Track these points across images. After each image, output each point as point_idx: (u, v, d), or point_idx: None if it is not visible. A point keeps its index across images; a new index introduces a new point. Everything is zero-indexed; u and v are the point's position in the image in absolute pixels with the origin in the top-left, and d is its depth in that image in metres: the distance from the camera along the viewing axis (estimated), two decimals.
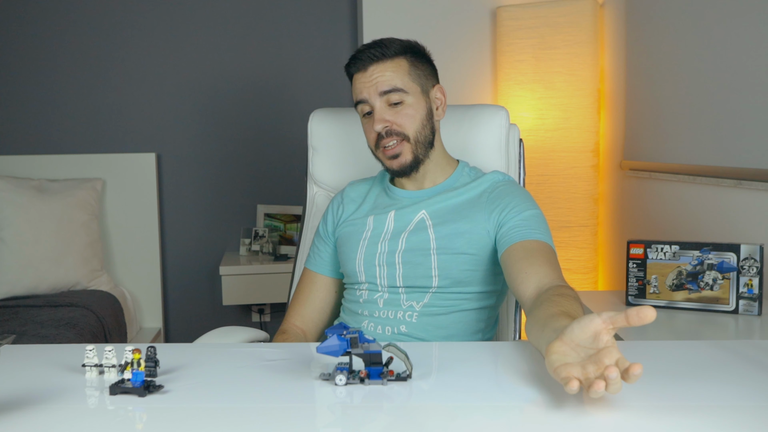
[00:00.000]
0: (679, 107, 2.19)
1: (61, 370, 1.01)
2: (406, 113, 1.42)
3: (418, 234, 1.43)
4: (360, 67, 1.43)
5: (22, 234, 2.84)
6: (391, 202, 1.51)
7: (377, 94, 1.41)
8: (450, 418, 0.85)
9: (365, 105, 1.44)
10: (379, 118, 1.42)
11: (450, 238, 1.40)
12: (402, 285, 1.42)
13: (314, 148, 1.78)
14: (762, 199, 1.77)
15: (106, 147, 3.26)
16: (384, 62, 1.42)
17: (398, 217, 1.47)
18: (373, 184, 1.59)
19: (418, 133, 1.43)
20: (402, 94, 1.42)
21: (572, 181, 2.75)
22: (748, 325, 1.51)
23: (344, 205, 1.58)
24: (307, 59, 3.33)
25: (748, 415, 0.83)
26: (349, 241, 1.49)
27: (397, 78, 1.42)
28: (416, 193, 1.50)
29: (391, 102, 1.42)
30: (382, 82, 1.41)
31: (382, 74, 1.41)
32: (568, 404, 0.87)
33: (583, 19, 2.72)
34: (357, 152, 1.75)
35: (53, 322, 2.45)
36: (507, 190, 1.45)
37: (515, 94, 2.82)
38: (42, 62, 3.23)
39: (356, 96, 1.45)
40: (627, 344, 1.19)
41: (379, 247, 1.44)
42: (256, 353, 1.12)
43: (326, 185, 1.79)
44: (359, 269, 1.45)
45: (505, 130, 1.67)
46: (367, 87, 1.42)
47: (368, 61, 1.42)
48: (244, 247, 3.30)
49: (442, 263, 1.39)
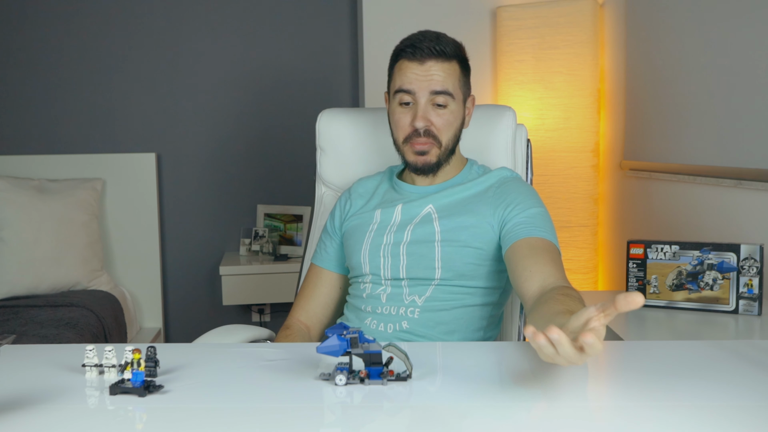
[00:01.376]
0: (679, 107, 2.19)
1: (61, 370, 1.01)
2: (447, 119, 1.41)
3: (424, 226, 1.43)
4: (417, 57, 1.39)
5: (22, 234, 2.84)
6: (400, 197, 1.52)
7: (428, 91, 1.39)
8: (450, 418, 0.85)
9: (407, 95, 1.41)
10: (423, 116, 1.40)
11: (455, 231, 1.40)
12: (405, 276, 1.41)
13: (322, 149, 1.78)
14: (762, 199, 1.77)
15: (106, 147, 3.26)
16: (442, 61, 1.39)
17: (405, 210, 1.47)
18: (381, 180, 1.60)
19: (450, 141, 1.44)
20: (449, 98, 1.40)
21: (572, 181, 2.75)
22: (748, 325, 1.51)
23: (352, 200, 1.58)
24: (306, 59, 3.33)
25: (748, 415, 0.83)
26: (356, 233, 1.50)
27: (449, 81, 1.40)
28: (425, 188, 1.51)
29: (436, 102, 1.40)
30: (437, 81, 1.39)
31: (439, 73, 1.39)
32: (570, 405, 0.87)
33: (583, 19, 2.72)
34: (366, 152, 1.75)
35: (53, 322, 2.45)
36: (513, 187, 1.45)
37: (515, 94, 2.82)
38: (42, 62, 3.23)
39: (401, 84, 1.41)
40: (627, 344, 1.19)
41: (384, 238, 1.45)
42: (257, 353, 1.12)
43: (334, 185, 1.80)
44: (364, 260, 1.45)
45: (512, 130, 1.68)
46: (419, 80, 1.39)
47: (428, 54, 1.38)
48: (244, 247, 3.30)
49: (445, 255, 1.39)
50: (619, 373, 1.06)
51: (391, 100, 1.47)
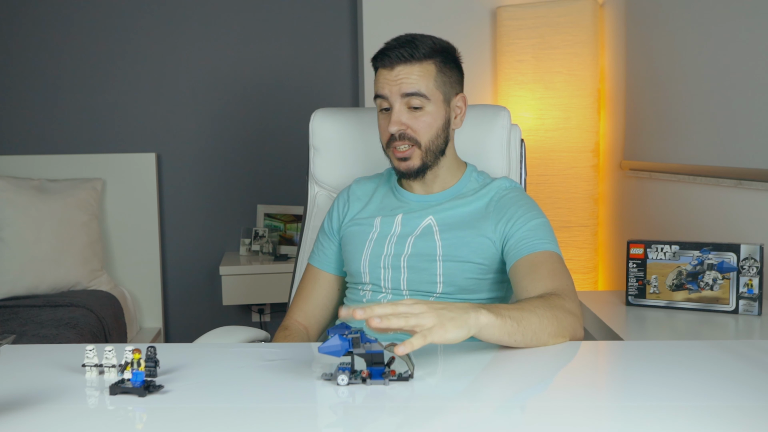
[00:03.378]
0: (679, 107, 2.19)
1: (61, 370, 1.01)
2: (424, 120, 1.41)
3: (425, 239, 1.42)
4: (387, 64, 1.40)
5: (22, 234, 2.84)
6: (399, 204, 1.51)
7: (399, 95, 1.39)
8: (452, 418, 0.85)
9: (384, 101, 1.42)
10: (396, 120, 1.40)
11: (456, 247, 1.40)
12: (406, 288, 1.42)
13: (316, 148, 1.78)
14: (762, 199, 1.77)
15: (106, 147, 3.26)
16: (412, 64, 1.39)
17: (405, 221, 1.46)
18: (380, 182, 1.59)
19: (431, 142, 1.42)
20: (423, 100, 1.40)
21: (572, 181, 2.75)
22: (748, 325, 1.51)
23: (350, 203, 1.57)
24: (307, 60, 3.33)
25: (748, 415, 0.83)
26: (355, 241, 1.49)
27: (422, 83, 1.39)
28: (425, 197, 1.50)
29: (410, 105, 1.40)
30: (407, 84, 1.39)
31: (408, 76, 1.39)
32: (570, 405, 0.87)
33: (583, 19, 2.72)
34: (359, 152, 1.75)
35: (53, 322, 2.45)
36: (513, 200, 1.44)
37: (515, 94, 2.82)
38: (42, 62, 3.23)
39: (377, 90, 1.43)
40: (627, 344, 1.20)
41: (385, 249, 1.44)
42: (257, 353, 1.12)
43: (328, 185, 1.79)
44: (364, 270, 1.45)
45: (506, 130, 1.68)
46: (390, 85, 1.40)
47: (396, 60, 1.39)
48: (244, 247, 3.30)
49: (447, 270, 1.39)
50: (619, 373, 1.06)
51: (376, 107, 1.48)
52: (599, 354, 1.18)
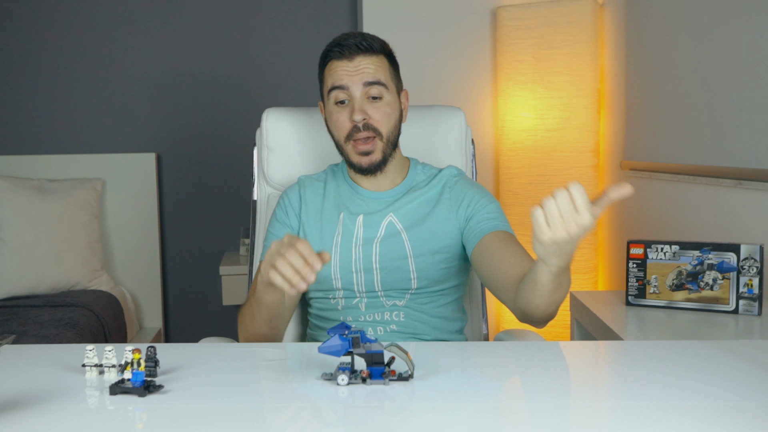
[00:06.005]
0: (678, 107, 2.19)
1: (61, 370, 1.01)
2: (384, 110, 1.42)
3: (393, 240, 1.43)
4: (345, 55, 1.41)
5: (22, 234, 2.84)
6: (355, 198, 1.48)
7: (360, 84, 1.40)
8: (452, 417, 0.85)
9: (342, 93, 1.41)
10: (360, 109, 1.39)
11: (425, 241, 1.42)
12: (381, 289, 1.42)
13: (269, 148, 1.71)
14: (762, 199, 1.77)
15: (106, 147, 3.26)
16: (370, 55, 1.42)
17: (366, 223, 1.45)
18: (326, 179, 1.54)
19: (390, 133, 1.44)
20: (383, 89, 1.41)
21: (572, 180, 2.75)
22: (748, 325, 1.51)
23: (305, 198, 1.50)
24: (307, 60, 3.33)
25: (748, 415, 0.83)
26: (320, 246, 1.44)
27: (381, 73, 1.42)
28: (380, 194, 1.49)
29: (370, 95, 1.41)
30: (369, 72, 1.40)
31: (368, 66, 1.41)
32: (571, 405, 0.87)
33: (583, 19, 2.72)
34: (312, 151, 1.71)
35: (53, 322, 2.45)
36: (465, 185, 1.49)
37: (515, 94, 2.82)
38: (42, 62, 3.23)
39: (334, 82, 1.41)
40: (627, 344, 1.20)
41: (353, 253, 1.43)
42: (256, 353, 1.12)
43: (281, 186, 1.72)
44: (335, 276, 1.43)
45: (464, 130, 1.73)
46: (351, 75, 1.40)
47: (356, 50, 1.40)
48: (244, 247, 3.29)
49: (420, 266, 1.41)
50: (619, 373, 1.07)
51: (326, 103, 1.46)
52: (599, 354, 1.18)
